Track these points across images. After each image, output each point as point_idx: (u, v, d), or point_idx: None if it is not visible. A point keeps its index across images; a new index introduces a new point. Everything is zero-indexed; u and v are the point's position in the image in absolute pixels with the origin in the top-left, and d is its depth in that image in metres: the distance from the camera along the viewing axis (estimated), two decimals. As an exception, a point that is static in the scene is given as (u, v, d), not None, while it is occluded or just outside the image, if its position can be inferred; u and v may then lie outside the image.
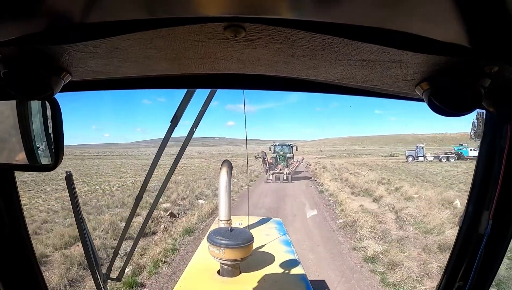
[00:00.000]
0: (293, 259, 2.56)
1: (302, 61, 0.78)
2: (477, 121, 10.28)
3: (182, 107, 1.60)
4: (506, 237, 1.00)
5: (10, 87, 0.70)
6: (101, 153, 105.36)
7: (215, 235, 2.16)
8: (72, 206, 1.37)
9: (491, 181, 1.00)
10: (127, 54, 0.74)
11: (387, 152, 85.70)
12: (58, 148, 0.88)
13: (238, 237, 2.14)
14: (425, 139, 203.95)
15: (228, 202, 2.68)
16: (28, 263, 1.16)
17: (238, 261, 2.20)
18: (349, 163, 42.42)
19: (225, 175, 2.64)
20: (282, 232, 3.15)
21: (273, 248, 2.74)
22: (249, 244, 2.16)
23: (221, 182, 2.64)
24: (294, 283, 2.23)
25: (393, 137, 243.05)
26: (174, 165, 1.87)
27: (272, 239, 2.93)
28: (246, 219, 3.17)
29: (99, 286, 1.58)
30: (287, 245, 2.84)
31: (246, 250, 2.16)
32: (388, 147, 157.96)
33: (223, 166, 2.69)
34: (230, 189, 2.67)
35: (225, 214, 2.68)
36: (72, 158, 75.18)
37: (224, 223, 2.66)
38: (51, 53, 0.68)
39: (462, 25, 0.56)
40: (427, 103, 0.73)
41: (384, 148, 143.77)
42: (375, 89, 0.99)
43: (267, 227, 3.27)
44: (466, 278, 1.07)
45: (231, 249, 2.10)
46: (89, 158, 77.02)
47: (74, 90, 1.00)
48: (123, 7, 0.55)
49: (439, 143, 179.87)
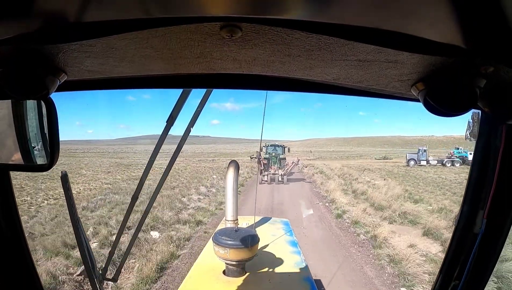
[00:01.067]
0: (298, 260, 2.56)
1: (299, 61, 0.78)
2: (472, 121, 10.34)
3: (178, 107, 1.60)
4: (500, 236, 1.01)
5: (5, 86, 0.69)
6: (79, 150, 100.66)
7: (221, 235, 2.16)
8: (68, 206, 1.36)
9: (486, 181, 1.01)
10: (123, 54, 0.74)
11: (378, 154, 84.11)
12: (54, 148, 0.87)
13: (243, 237, 2.14)
14: (412, 142, 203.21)
15: (235, 202, 2.67)
16: (24, 263, 1.15)
17: (243, 262, 2.20)
18: (347, 167, 37.22)
19: (232, 175, 2.65)
20: (289, 233, 3.15)
21: (279, 248, 2.73)
22: (255, 244, 2.17)
23: (228, 182, 2.65)
24: (299, 284, 2.23)
25: (379, 139, 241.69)
26: (170, 166, 1.86)
27: (278, 240, 2.93)
28: (252, 219, 3.17)
29: (95, 287, 1.57)
30: (294, 246, 2.84)
31: (251, 251, 2.17)
32: (375, 149, 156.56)
33: (230, 166, 2.69)
34: (237, 189, 2.67)
35: (232, 214, 2.67)
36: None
37: (231, 223, 2.66)
38: (47, 52, 0.68)
39: (457, 26, 0.57)
40: (423, 103, 0.73)
41: (372, 150, 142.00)
42: (371, 89, 0.99)
43: (274, 227, 3.26)
44: (461, 277, 1.08)
45: (236, 250, 2.11)
46: (61, 155, 72.27)
47: (70, 90, 1.00)
48: (119, 7, 0.55)
49: (427, 146, 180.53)
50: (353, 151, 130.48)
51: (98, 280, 1.61)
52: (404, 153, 51.00)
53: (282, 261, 2.51)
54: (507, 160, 0.95)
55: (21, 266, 1.15)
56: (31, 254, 1.18)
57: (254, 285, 2.17)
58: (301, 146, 65.10)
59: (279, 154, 27.46)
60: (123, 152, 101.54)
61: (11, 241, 1.11)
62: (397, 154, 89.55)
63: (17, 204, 1.13)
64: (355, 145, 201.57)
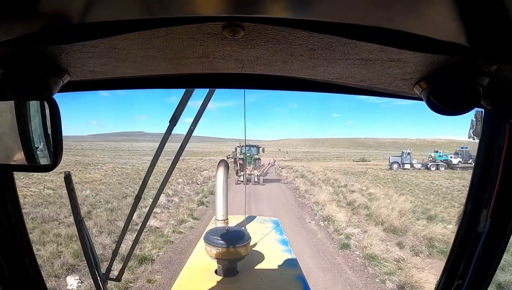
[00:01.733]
0: (290, 259, 2.58)
1: (301, 60, 0.78)
2: (475, 120, 10.25)
3: (181, 107, 1.60)
4: (504, 235, 1.01)
5: (9, 87, 0.70)
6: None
7: (212, 235, 2.16)
8: (71, 207, 1.36)
9: (490, 179, 1.01)
10: (126, 54, 0.74)
11: (355, 156, 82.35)
12: (57, 148, 0.88)
13: (235, 236, 2.15)
14: (386, 144, 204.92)
15: (225, 201, 2.68)
16: (28, 264, 1.16)
17: (235, 261, 2.21)
18: (329, 170, 34.42)
19: (222, 174, 2.66)
20: (279, 231, 3.17)
21: (270, 247, 2.75)
22: (246, 243, 2.17)
23: (217, 182, 2.66)
24: (291, 282, 2.24)
25: (353, 141, 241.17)
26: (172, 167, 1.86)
27: (269, 239, 2.94)
28: (242, 218, 3.18)
29: (99, 286, 1.58)
30: (284, 245, 2.85)
31: (243, 250, 2.17)
32: (350, 150, 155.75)
33: (220, 166, 2.72)
34: (227, 189, 2.68)
35: (222, 213, 2.68)
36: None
37: (221, 222, 2.67)
38: (50, 53, 0.68)
39: (460, 24, 0.57)
40: (426, 102, 0.73)
41: (347, 151, 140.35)
42: (374, 88, 0.99)
43: (264, 226, 3.28)
44: (465, 277, 1.07)
45: (228, 249, 2.11)
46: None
47: (73, 90, 1.00)
48: (122, 7, 0.55)
49: (401, 148, 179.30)
50: (328, 152, 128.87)
51: (102, 280, 1.62)
52: (380, 155, 50.41)
53: (273, 259, 2.52)
54: (510, 159, 0.95)
55: (25, 267, 1.15)
56: (35, 255, 1.19)
57: (246, 284, 2.18)
58: (275, 146, 61.76)
59: (253, 155, 27.62)
60: (91, 149, 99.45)
61: (14, 241, 1.12)
62: (373, 156, 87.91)
63: (20, 204, 1.14)
64: (329, 146, 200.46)
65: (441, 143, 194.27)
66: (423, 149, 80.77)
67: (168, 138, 1.69)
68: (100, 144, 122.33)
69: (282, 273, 2.35)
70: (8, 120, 0.96)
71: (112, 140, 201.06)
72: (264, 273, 2.32)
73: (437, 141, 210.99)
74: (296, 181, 25.41)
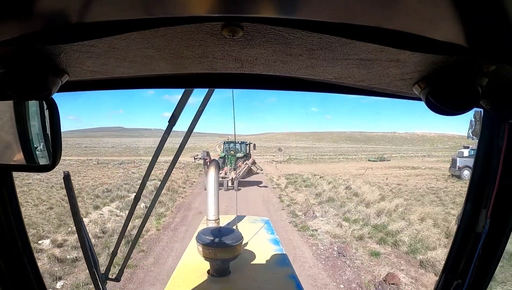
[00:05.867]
0: (282, 258, 2.59)
1: (300, 60, 0.78)
2: (474, 120, 10.04)
3: (180, 107, 1.60)
4: (504, 235, 1.01)
5: (8, 87, 0.70)
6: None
7: (204, 235, 2.16)
8: (70, 206, 1.36)
9: (489, 179, 1.01)
10: (125, 54, 0.74)
11: (358, 153, 63.37)
12: (56, 148, 0.88)
13: (227, 236, 2.15)
14: (375, 137, 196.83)
15: (216, 201, 2.70)
16: (27, 264, 1.16)
17: (228, 260, 2.21)
18: (374, 185, 19.88)
19: (213, 175, 2.69)
20: (270, 231, 3.18)
21: (262, 247, 2.75)
22: (239, 243, 2.17)
23: (209, 182, 2.68)
24: (284, 282, 2.24)
25: (339, 134, 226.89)
26: (171, 166, 1.86)
27: (260, 238, 2.95)
28: (234, 218, 3.18)
29: (98, 287, 1.58)
30: (276, 244, 2.86)
31: (236, 250, 2.17)
32: (339, 145, 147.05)
33: (211, 165, 2.76)
34: (218, 189, 2.70)
35: (213, 213, 2.70)
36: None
37: (212, 222, 2.68)
38: (49, 53, 0.68)
39: (459, 24, 0.57)
40: (425, 102, 0.73)
41: (343, 146, 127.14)
42: (373, 88, 0.99)
43: (255, 226, 3.29)
44: (465, 276, 1.08)
45: (220, 249, 2.11)
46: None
47: (72, 90, 1.00)
48: (120, 7, 0.55)
49: (391, 143, 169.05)
50: (322, 148, 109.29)
51: (101, 280, 1.62)
52: (376, 150, 39.72)
53: (265, 259, 2.53)
54: (509, 159, 0.95)
55: (24, 267, 1.15)
56: (34, 254, 1.19)
57: (239, 284, 2.18)
58: (256, 140, 51.34)
59: (237, 152, 21.98)
60: (65, 147, 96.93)
61: (14, 241, 1.12)
62: (380, 152, 72.87)
63: (19, 204, 1.14)
64: (315, 141, 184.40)
65: (432, 137, 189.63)
66: (416, 144, 72.73)
67: (167, 139, 1.69)
68: (76, 139, 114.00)
69: (275, 273, 2.36)
70: (7, 120, 0.96)
71: (90, 136, 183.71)
72: (256, 272, 2.32)
73: (427, 135, 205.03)
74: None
